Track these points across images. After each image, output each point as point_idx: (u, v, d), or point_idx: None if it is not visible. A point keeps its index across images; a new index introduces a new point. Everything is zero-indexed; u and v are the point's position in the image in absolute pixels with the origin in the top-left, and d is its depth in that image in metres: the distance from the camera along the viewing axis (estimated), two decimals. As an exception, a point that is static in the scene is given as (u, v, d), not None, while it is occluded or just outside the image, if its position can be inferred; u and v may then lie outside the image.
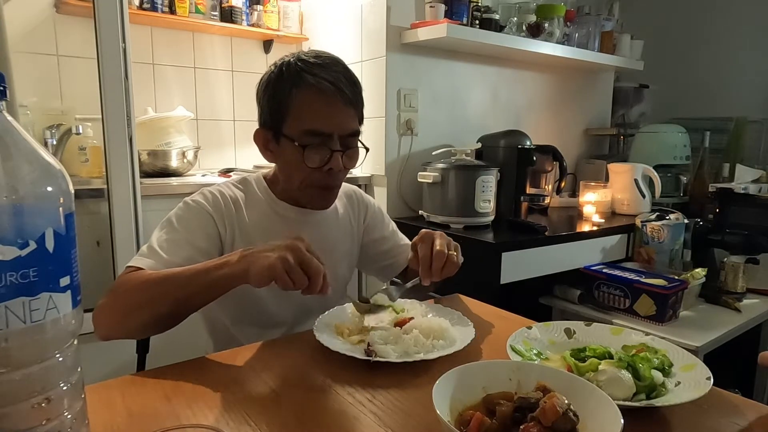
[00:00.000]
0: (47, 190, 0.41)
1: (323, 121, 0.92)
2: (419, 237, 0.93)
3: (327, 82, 0.91)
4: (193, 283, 0.76)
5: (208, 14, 2.25)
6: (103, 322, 0.80)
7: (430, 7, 1.89)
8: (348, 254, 1.13)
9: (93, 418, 0.49)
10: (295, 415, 0.61)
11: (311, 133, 0.92)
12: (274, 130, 0.95)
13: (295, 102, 0.92)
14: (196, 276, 0.76)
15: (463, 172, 1.75)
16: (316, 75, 0.91)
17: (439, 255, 0.88)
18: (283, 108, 0.93)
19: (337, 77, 0.92)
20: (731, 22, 2.70)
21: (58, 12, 1.98)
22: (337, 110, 0.93)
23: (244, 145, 2.54)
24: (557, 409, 0.50)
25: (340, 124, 0.93)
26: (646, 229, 1.90)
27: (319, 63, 0.93)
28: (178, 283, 0.76)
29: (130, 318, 0.78)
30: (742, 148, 2.52)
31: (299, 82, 0.91)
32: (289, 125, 0.93)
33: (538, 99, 2.49)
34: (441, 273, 0.88)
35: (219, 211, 0.96)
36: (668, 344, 0.74)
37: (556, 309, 1.81)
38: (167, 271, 0.79)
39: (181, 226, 0.92)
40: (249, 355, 0.78)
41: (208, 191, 0.99)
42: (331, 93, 0.91)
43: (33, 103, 1.92)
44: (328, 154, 0.93)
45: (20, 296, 0.38)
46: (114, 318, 0.79)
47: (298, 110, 0.92)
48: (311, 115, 0.92)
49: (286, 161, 0.97)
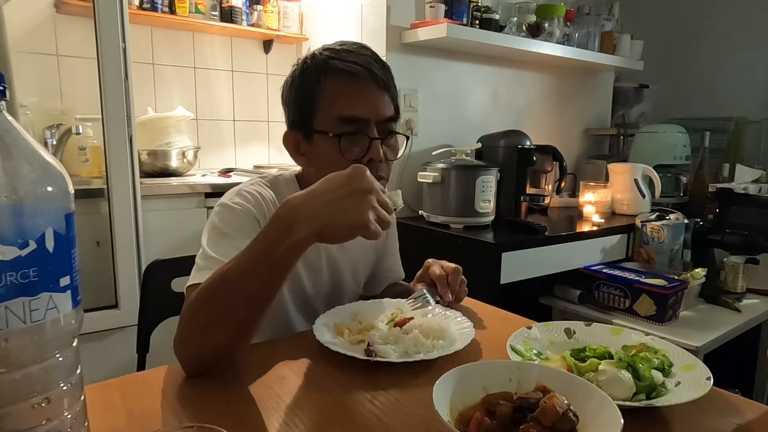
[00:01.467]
0: (47, 190, 0.41)
1: (358, 106, 0.85)
2: (424, 268, 0.98)
3: (357, 65, 0.85)
4: (259, 265, 0.65)
5: (208, 14, 2.25)
6: (185, 351, 0.69)
7: (430, 7, 1.89)
8: (369, 265, 1.11)
9: (93, 418, 0.48)
10: (295, 415, 0.61)
11: (346, 119, 0.85)
12: (305, 128, 0.89)
13: (325, 91, 0.86)
14: (258, 257, 0.65)
15: (463, 172, 1.75)
16: (344, 59, 0.86)
17: (455, 272, 0.93)
18: (312, 101, 0.87)
19: (368, 60, 0.87)
20: (731, 22, 2.70)
21: (58, 12, 1.98)
22: (371, 93, 0.86)
23: (244, 145, 2.54)
24: (557, 409, 0.50)
25: (375, 109, 0.87)
26: (646, 229, 1.90)
27: (346, 49, 0.88)
28: (241, 272, 0.66)
29: (210, 334, 0.67)
30: (742, 148, 2.53)
31: (327, 70, 0.86)
32: (320, 118, 0.87)
33: (538, 99, 2.49)
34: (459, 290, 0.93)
35: (261, 212, 0.88)
36: (668, 344, 0.74)
37: (556, 309, 1.81)
38: (222, 268, 0.68)
39: (231, 230, 0.83)
40: (249, 355, 0.78)
41: (245, 191, 0.90)
42: (363, 76, 0.85)
43: (33, 103, 1.92)
44: (367, 143, 0.86)
45: (20, 296, 0.38)
46: (194, 343, 0.68)
47: (330, 99, 0.86)
48: (344, 100, 0.86)
49: (322, 160, 0.88)
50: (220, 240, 0.81)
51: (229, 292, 0.66)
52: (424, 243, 1.81)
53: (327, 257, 1.00)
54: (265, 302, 0.67)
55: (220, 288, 0.67)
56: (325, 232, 0.62)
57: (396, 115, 0.91)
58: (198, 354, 0.69)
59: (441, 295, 0.93)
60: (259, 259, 0.65)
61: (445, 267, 0.96)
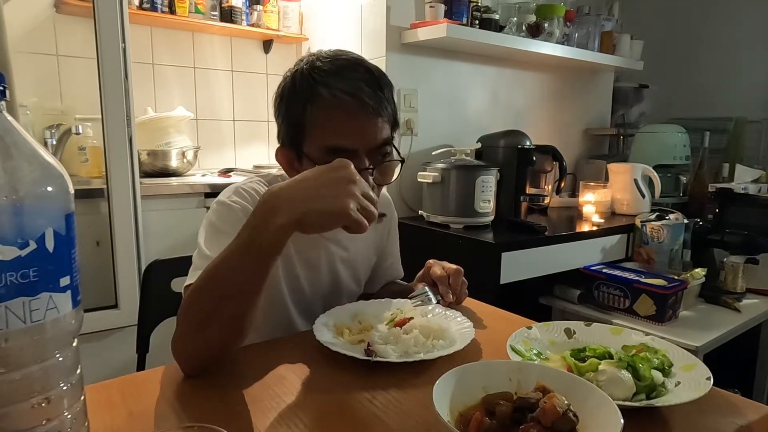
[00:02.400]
0: (47, 190, 0.41)
1: (344, 138, 0.82)
2: (425, 268, 0.97)
3: (344, 94, 0.80)
4: (245, 256, 0.64)
5: (208, 14, 2.25)
6: (182, 350, 0.69)
7: (430, 7, 1.89)
8: (369, 265, 1.11)
9: (93, 418, 0.49)
10: (295, 415, 0.61)
11: (333, 150, 0.81)
12: (296, 149, 0.86)
13: (311, 120, 0.83)
14: (243, 248, 0.64)
15: (463, 172, 1.75)
16: (330, 87, 0.81)
17: (456, 273, 0.93)
18: (299, 127, 0.84)
19: (356, 86, 0.81)
20: (731, 23, 2.70)
21: (58, 12, 1.98)
22: (361, 124, 0.82)
23: (243, 145, 2.54)
24: (557, 409, 0.50)
25: (364, 138, 0.83)
26: (646, 229, 1.90)
27: (333, 71, 0.83)
28: (227, 265, 0.65)
29: (204, 331, 0.67)
30: (742, 148, 2.53)
31: (313, 98, 0.82)
32: (308, 144, 0.84)
33: (538, 99, 2.49)
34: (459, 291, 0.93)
35: None
36: (668, 344, 0.74)
37: (556, 309, 1.81)
38: (210, 264, 0.68)
39: (228, 227, 0.80)
40: (249, 354, 0.78)
41: (243, 189, 0.89)
42: (351, 106, 0.81)
43: (33, 103, 1.92)
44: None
45: (20, 296, 0.38)
46: (188, 341, 0.69)
47: (316, 128, 0.83)
48: (330, 132, 0.82)
49: None
50: (216, 238, 0.80)
51: (218, 287, 0.66)
52: (423, 243, 1.81)
53: (326, 257, 1.00)
54: (255, 294, 0.67)
55: (210, 284, 0.67)
56: (303, 220, 0.61)
57: (391, 136, 0.88)
58: (193, 352, 0.69)
59: (442, 295, 0.93)
60: (244, 251, 0.64)
61: (446, 268, 0.96)
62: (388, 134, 0.87)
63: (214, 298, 0.67)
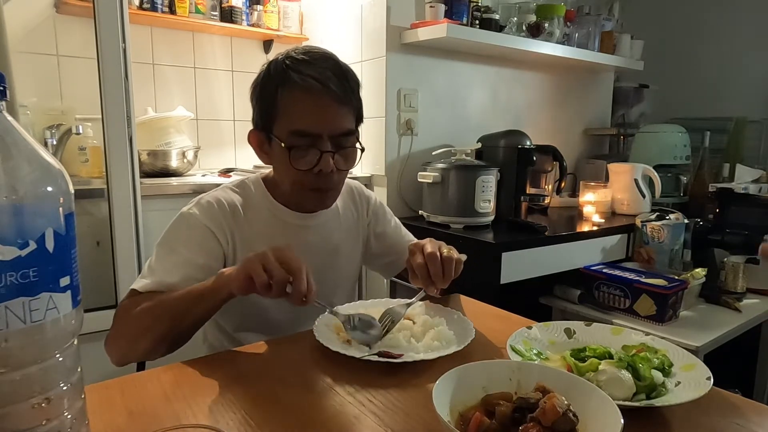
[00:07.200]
0: (47, 190, 0.41)
1: (310, 121, 0.88)
2: (409, 251, 0.89)
3: (313, 80, 0.87)
4: (189, 306, 0.78)
5: (208, 14, 2.25)
6: (114, 350, 0.82)
7: (430, 7, 1.89)
8: (353, 253, 1.11)
9: (93, 418, 0.49)
10: (295, 415, 0.61)
11: (298, 133, 0.88)
12: (266, 131, 0.93)
13: (281, 102, 0.89)
14: (189, 299, 0.78)
15: (463, 172, 1.75)
16: (301, 72, 0.87)
17: (432, 257, 0.84)
18: (271, 109, 0.90)
19: (324, 74, 0.88)
20: (731, 22, 2.70)
21: (58, 12, 1.98)
22: (325, 109, 0.89)
23: (244, 145, 2.52)
24: (557, 409, 0.50)
25: (329, 124, 0.89)
26: (646, 229, 1.90)
27: (306, 60, 0.89)
28: (172, 311, 0.78)
29: (139, 343, 0.80)
30: (742, 148, 2.52)
31: (284, 81, 0.88)
32: (277, 126, 0.91)
33: (538, 99, 2.49)
34: (443, 277, 0.84)
35: (216, 222, 0.92)
36: (668, 344, 0.74)
37: (556, 309, 1.81)
38: (161, 299, 0.80)
39: (178, 244, 0.90)
40: (249, 355, 0.78)
41: (205, 201, 0.95)
42: (317, 91, 0.87)
43: (33, 103, 1.92)
44: (317, 156, 0.89)
45: (20, 296, 0.38)
46: (123, 344, 0.82)
47: (285, 111, 0.89)
48: (297, 115, 0.88)
49: (277, 163, 0.95)
50: (165, 255, 0.89)
51: (168, 320, 0.78)
52: (424, 243, 1.81)
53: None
54: (188, 328, 0.81)
55: (161, 315, 0.78)
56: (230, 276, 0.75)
57: (356, 127, 0.94)
58: (126, 355, 0.82)
59: (424, 288, 0.86)
60: (191, 297, 0.78)
61: (428, 253, 0.86)
62: (352, 125, 0.93)
63: (160, 324, 0.78)
